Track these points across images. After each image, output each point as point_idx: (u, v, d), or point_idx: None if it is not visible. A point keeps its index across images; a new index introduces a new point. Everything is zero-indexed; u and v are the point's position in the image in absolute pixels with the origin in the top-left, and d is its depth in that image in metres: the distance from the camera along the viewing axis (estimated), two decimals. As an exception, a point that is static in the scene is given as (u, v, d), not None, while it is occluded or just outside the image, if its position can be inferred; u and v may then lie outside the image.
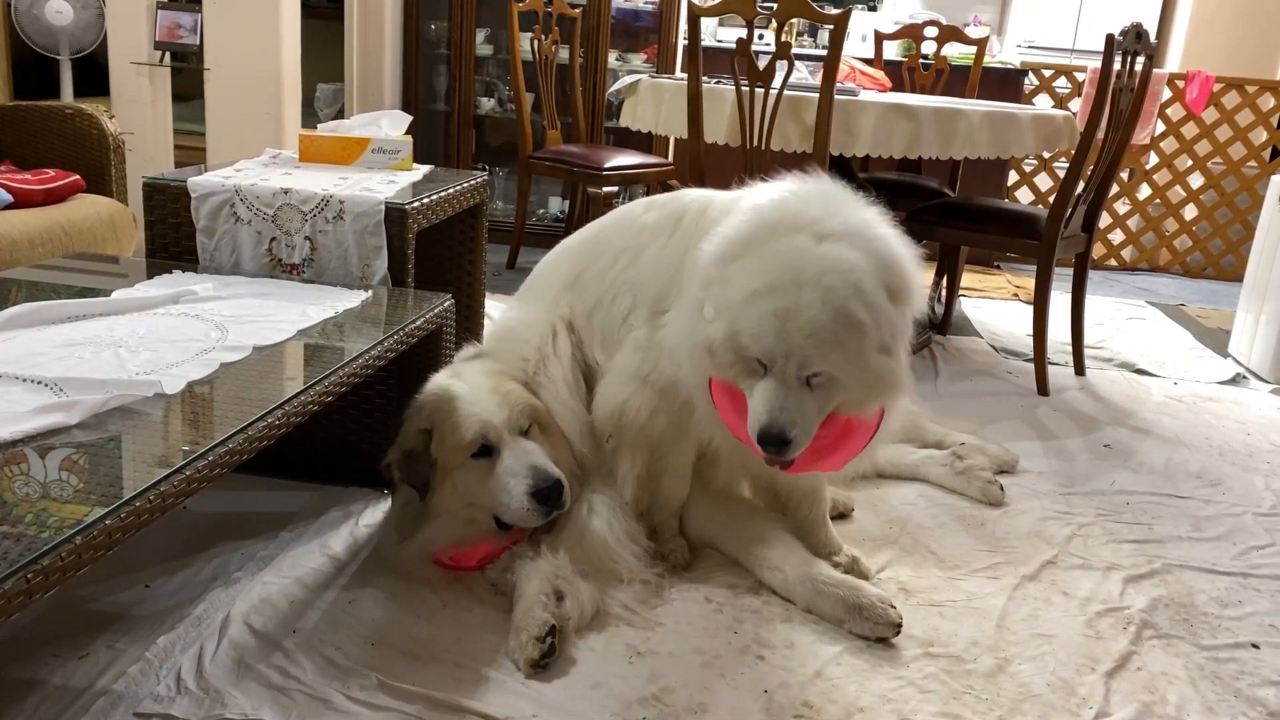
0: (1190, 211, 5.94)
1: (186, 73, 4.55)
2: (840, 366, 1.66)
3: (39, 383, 1.52)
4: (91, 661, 1.65)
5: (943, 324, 4.15)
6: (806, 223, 1.71)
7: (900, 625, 1.88)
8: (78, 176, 3.11)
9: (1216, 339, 4.40)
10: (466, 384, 2.00)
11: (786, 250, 1.68)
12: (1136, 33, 3.28)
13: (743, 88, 3.19)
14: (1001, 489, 2.54)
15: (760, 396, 1.68)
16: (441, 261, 2.81)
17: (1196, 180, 5.87)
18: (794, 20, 4.65)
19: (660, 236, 2.10)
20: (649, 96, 3.70)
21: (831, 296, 1.63)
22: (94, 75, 4.47)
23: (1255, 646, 1.98)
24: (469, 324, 2.76)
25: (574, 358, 2.15)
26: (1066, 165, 3.53)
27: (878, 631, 1.87)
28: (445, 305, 2.23)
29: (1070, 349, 3.72)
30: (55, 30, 4.07)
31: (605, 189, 4.43)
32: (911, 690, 1.75)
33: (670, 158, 5.17)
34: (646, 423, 2.00)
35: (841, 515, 2.36)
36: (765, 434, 1.66)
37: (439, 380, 2.04)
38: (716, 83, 3.45)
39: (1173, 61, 6.34)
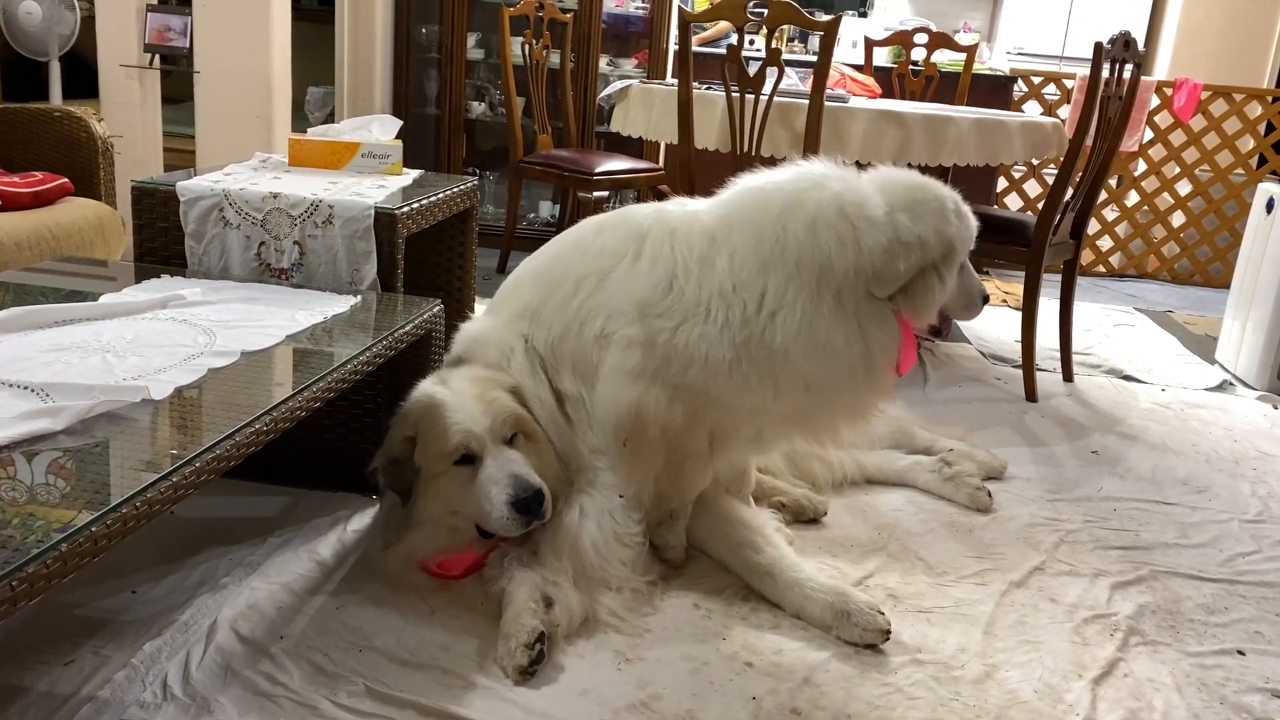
0: (1178, 218, 5.97)
1: (176, 75, 4.54)
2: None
3: (25, 388, 1.51)
4: (77, 668, 1.65)
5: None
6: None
7: (889, 631, 1.88)
8: (66, 180, 3.10)
9: (1204, 345, 4.42)
10: (452, 391, 1.98)
11: (900, 180, 2.07)
12: (1125, 41, 3.29)
13: (733, 94, 3.20)
14: (990, 495, 2.55)
15: (969, 278, 2.14)
16: (432, 266, 2.81)
17: (1184, 187, 5.90)
18: (784, 27, 4.66)
19: (624, 259, 2.08)
20: (640, 102, 3.71)
21: (953, 193, 2.07)
22: (83, 78, 4.45)
23: (1241, 653, 1.99)
24: (459, 329, 2.75)
25: (540, 368, 2.14)
26: (1055, 172, 3.55)
27: (866, 638, 1.87)
28: (434, 310, 2.23)
29: (1059, 355, 3.74)
30: (28, 32, 4.04)
31: (596, 194, 4.43)
32: (899, 697, 1.75)
33: (661, 163, 5.18)
34: (666, 414, 1.97)
35: (813, 520, 2.37)
36: (984, 299, 2.15)
37: (425, 387, 2.02)
38: (707, 88, 3.46)
39: (1161, 69, 6.38)
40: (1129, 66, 3.36)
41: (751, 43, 5.11)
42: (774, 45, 3.23)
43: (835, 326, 1.92)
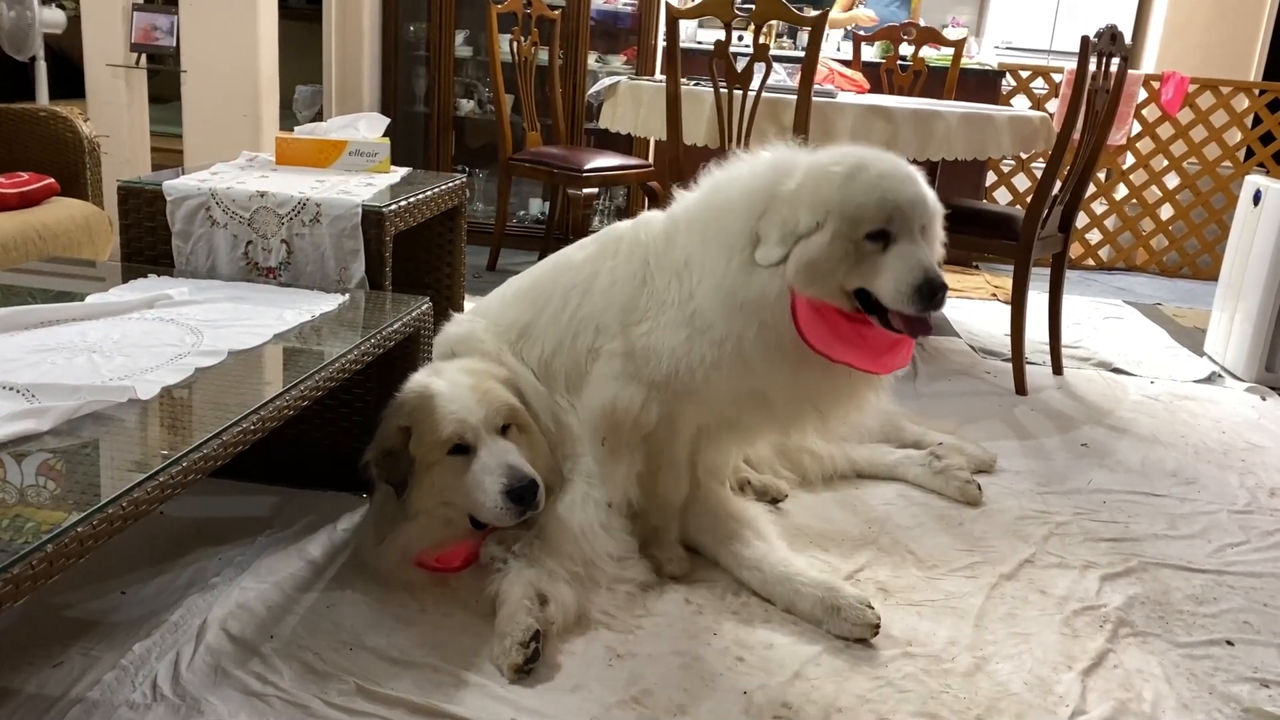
0: (1166, 211, 5.99)
1: (164, 75, 4.52)
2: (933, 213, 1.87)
3: (11, 389, 1.51)
4: (66, 669, 1.64)
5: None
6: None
7: (878, 626, 1.88)
8: (52, 180, 3.08)
9: (1192, 338, 4.44)
10: (446, 382, 2.00)
11: (831, 152, 1.90)
12: (1111, 34, 3.30)
13: (721, 90, 3.20)
14: (979, 488, 2.56)
15: (901, 260, 1.79)
16: (420, 264, 2.80)
17: (1172, 180, 5.92)
18: (772, 22, 4.65)
19: (604, 260, 2.14)
20: (628, 98, 3.71)
21: (895, 156, 1.90)
22: (70, 77, 4.43)
23: (1230, 643, 2.00)
24: (441, 330, 2.75)
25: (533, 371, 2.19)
26: (1044, 166, 3.55)
27: (855, 632, 1.88)
28: (423, 308, 2.22)
29: (1048, 349, 3.75)
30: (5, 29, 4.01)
31: (585, 190, 4.43)
32: (890, 690, 1.75)
33: (651, 159, 5.18)
34: (640, 415, 2.00)
35: (775, 500, 2.39)
36: (931, 284, 1.76)
37: (419, 378, 2.04)
38: (695, 84, 3.46)
39: (1148, 63, 6.39)
40: (1116, 60, 3.37)
41: (740, 39, 5.12)
42: (762, 41, 3.23)
43: (738, 278, 1.88)
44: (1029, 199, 3.82)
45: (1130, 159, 5.91)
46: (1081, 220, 5.77)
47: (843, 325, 1.86)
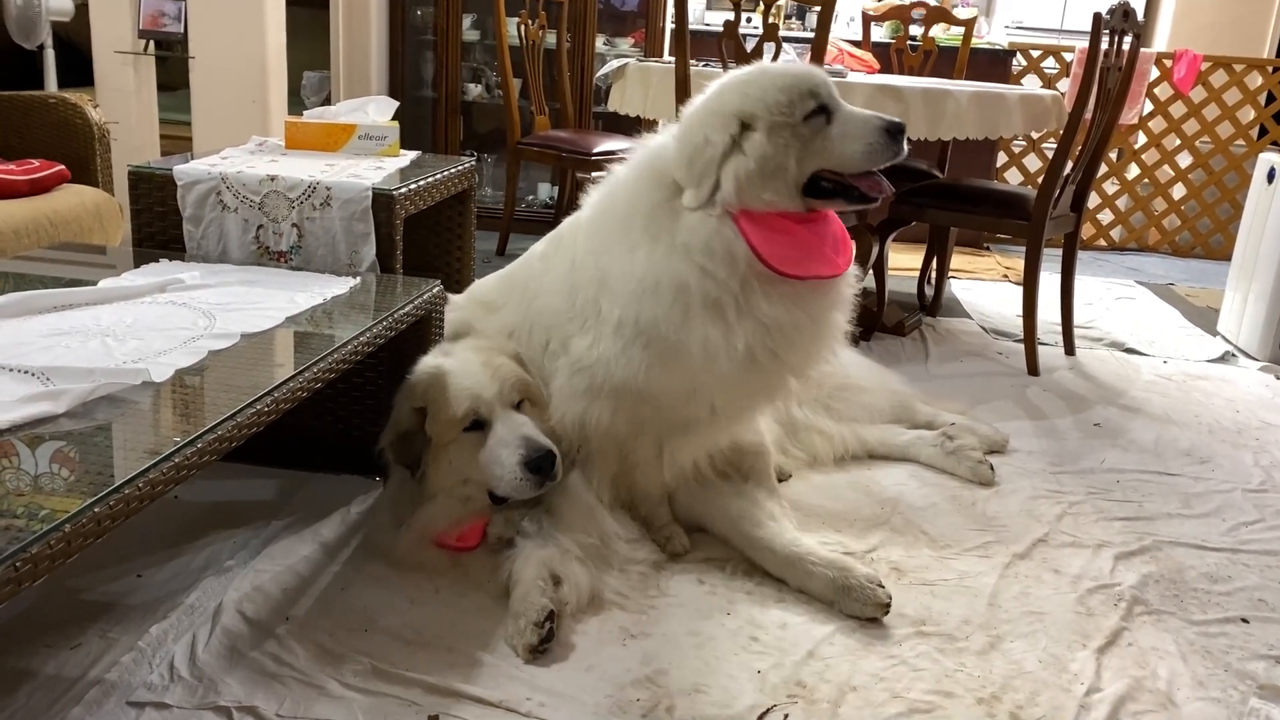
0: (1178, 191, 5.95)
1: (172, 63, 4.52)
2: None
3: (25, 372, 1.51)
4: (84, 651, 1.65)
5: (933, 305, 4.16)
6: None
7: (889, 605, 1.88)
8: (62, 166, 3.08)
9: (1205, 318, 4.42)
10: (457, 360, 2.01)
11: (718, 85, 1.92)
12: (1124, 11, 3.28)
13: (730, 70, 3.17)
14: (992, 469, 2.55)
15: (851, 121, 1.83)
16: (430, 248, 2.80)
17: (1185, 159, 5.88)
18: (781, 3, 4.63)
19: (547, 261, 2.19)
20: (637, 80, 3.69)
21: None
22: (78, 66, 4.43)
23: (1245, 621, 1.99)
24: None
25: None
26: (1055, 146, 3.53)
27: (866, 612, 1.88)
28: (435, 291, 2.22)
29: (1060, 329, 3.73)
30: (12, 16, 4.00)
31: (594, 174, 4.39)
32: (904, 669, 1.75)
33: (659, 142, 5.15)
34: (610, 425, 2.01)
35: (780, 479, 2.39)
36: (891, 124, 1.81)
37: (429, 359, 2.05)
38: (704, 66, 3.44)
39: (1160, 40, 6.34)
40: (1128, 37, 3.34)
41: (749, 19, 5.09)
42: (771, 21, 3.21)
43: (634, 261, 1.88)
44: (1040, 179, 3.80)
45: (1142, 138, 5.87)
46: (1093, 201, 5.74)
47: (799, 231, 1.85)
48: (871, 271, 3.62)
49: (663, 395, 1.95)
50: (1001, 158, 5.84)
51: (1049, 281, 3.65)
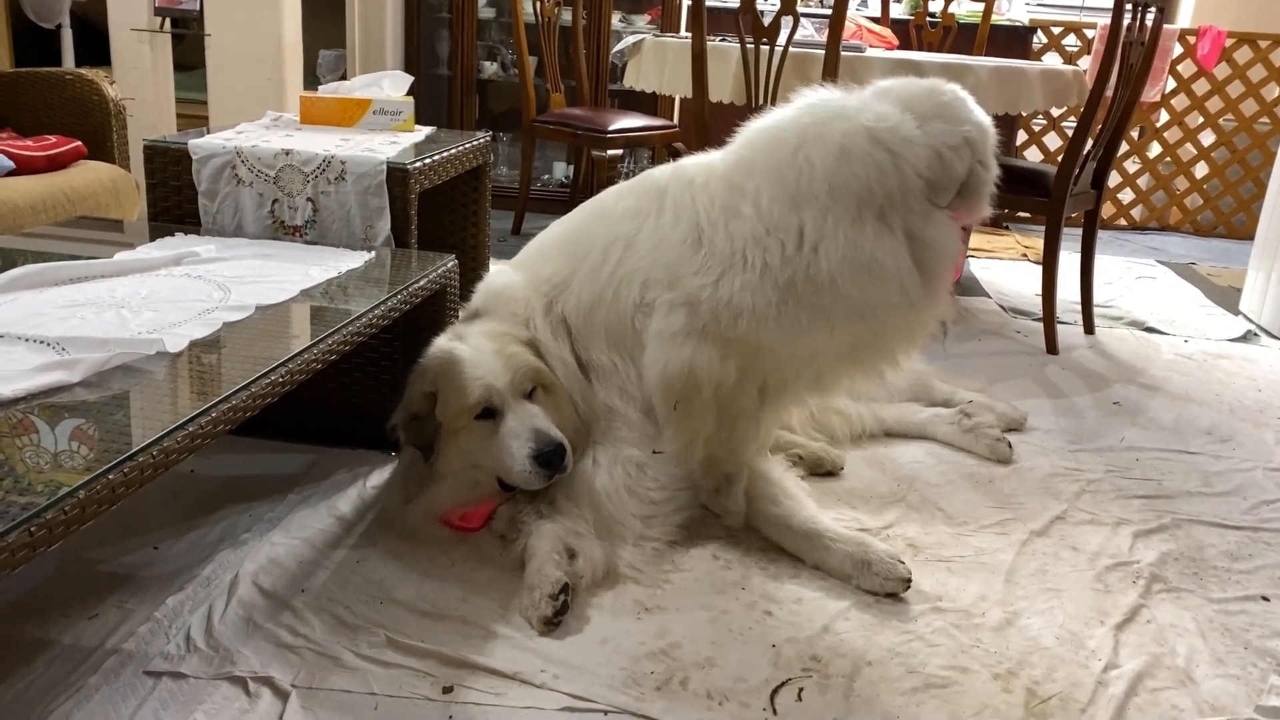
0: (1201, 169, 5.88)
1: (188, 41, 4.52)
2: None
3: (41, 342, 1.51)
4: (101, 621, 1.66)
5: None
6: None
7: (909, 580, 1.87)
8: (79, 143, 3.10)
9: (1227, 297, 4.37)
10: (470, 346, 1.99)
11: (899, 85, 2.03)
12: (1147, -15, 3.23)
13: (748, 45, 3.15)
14: (1010, 446, 2.53)
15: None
16: (445, 225, 2.80)
17: (1208, 137, 5.80)
18: (799, -21, 4.58)
19: (649, 218, 2.07)
20: (653, 56, 3.67)
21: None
22: (95, 43, 4.44)
23: (1265, 599, 1.97)
24: (473, 287, 2.74)
25: (565, 333, 2.13)
26: (1075, 124, 3.49)
27: (887, 587, 1.87)
28: (449, 266, 2.22)
29: (1079, 308, 3.70)
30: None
31: (610, 152, 4.40)
32: (919, 644, 1.74)
33: (675, 121, 5.13)
34: (720, 372, 1.94)
35: (830, 473, 2.36)
36: None
37: (442, 343, 2.03)
38: (721, 40, 3.41)
39: (1184, 17, 6.25)
40: (1151, 13, 3.29)
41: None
42: (788, -5, 3.17)
43: (880, 247, 1.88)
44: (1060, 158, 3.76)
45: (1165, 116, 5.80)
46: (1114, 179, 5.67)
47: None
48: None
49: (792, 344, 1.95)
50: (1021, 136, 5.78)
51: (1069, 261, 3.62)
